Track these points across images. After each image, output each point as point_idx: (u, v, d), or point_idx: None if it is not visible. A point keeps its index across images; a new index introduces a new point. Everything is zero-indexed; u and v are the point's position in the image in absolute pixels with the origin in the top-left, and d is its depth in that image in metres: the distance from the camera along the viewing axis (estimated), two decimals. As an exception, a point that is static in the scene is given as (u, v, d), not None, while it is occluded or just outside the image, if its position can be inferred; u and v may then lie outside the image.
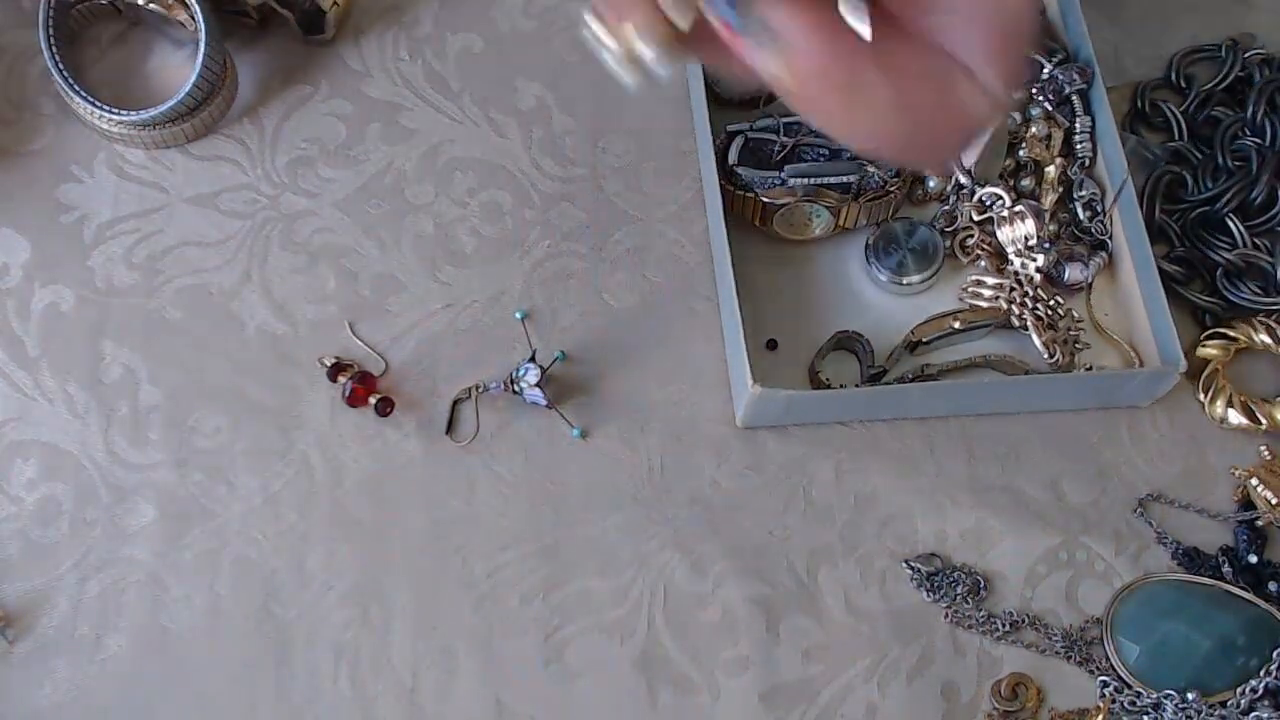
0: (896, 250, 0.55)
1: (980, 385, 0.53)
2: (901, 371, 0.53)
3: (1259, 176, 0.56)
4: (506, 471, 0.51)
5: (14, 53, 0.58)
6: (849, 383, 0.53)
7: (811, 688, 0.48)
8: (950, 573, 0.50)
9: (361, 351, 0.53)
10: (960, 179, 0.56)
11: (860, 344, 0.53)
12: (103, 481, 0.50)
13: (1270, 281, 0.55)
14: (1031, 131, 0.57)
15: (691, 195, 0.57)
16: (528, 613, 0.49)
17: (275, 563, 0.49)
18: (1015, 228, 0.54)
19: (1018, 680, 0.48)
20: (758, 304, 0.53)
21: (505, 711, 0.47)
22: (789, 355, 0.54)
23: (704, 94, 0.56)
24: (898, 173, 0.55)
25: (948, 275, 0.55)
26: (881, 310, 0.55)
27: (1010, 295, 0.53)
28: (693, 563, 0.50)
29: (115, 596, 0.48)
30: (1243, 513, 0.51)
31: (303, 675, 0.47)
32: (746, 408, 0.50)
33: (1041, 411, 0.53)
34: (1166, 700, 0.47)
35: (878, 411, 0.52)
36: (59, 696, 0.47)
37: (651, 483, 0.51)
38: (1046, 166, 0.57)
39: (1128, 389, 0.52)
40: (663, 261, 0.55)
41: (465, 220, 0.56)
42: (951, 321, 0.53)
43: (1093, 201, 0.56)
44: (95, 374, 0.52)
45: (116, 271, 0.54)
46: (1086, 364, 0.53)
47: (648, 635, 0.48)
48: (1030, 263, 0.54)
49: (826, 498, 0.51)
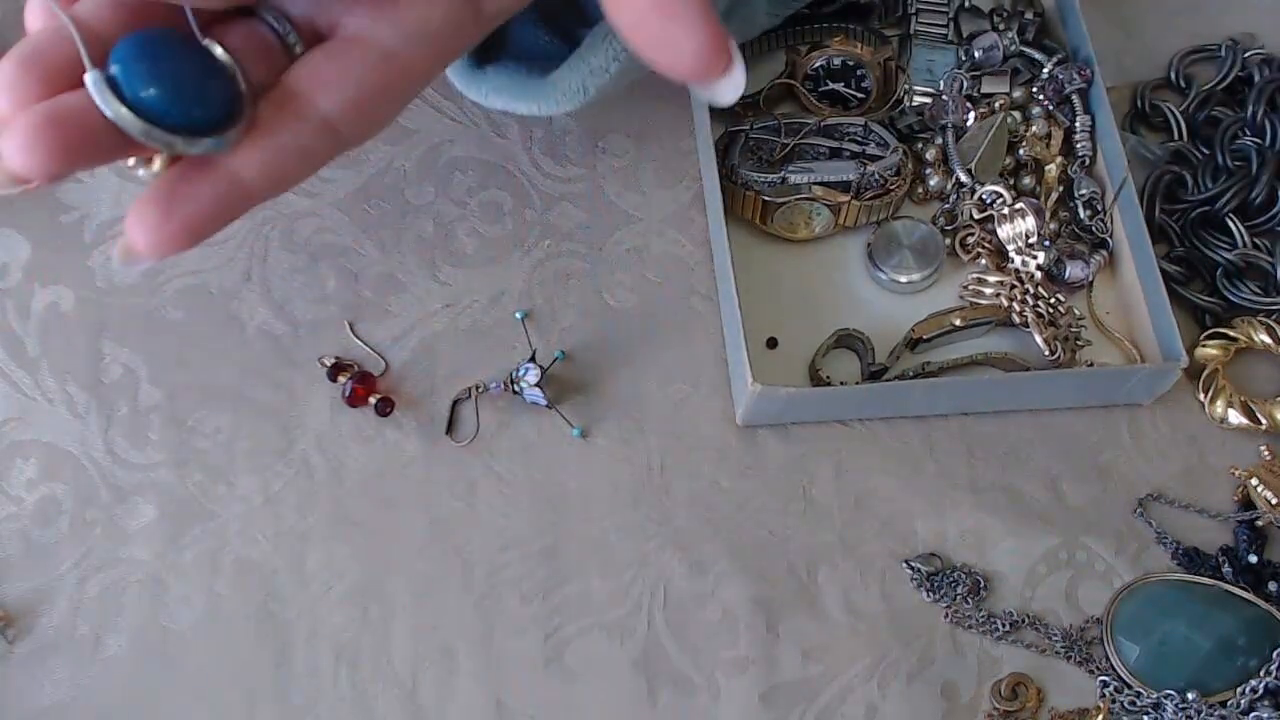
0: (897, 249, 0.55)
1: (981, 382, 0.53)
2: (902, 369, 0.53)
3: (1259, 176, 0.56)
4: (506, 471, 0.51)
5: (14, 53, 0.58)
6: (849, 381, 0.53)
7: (811, 688, 0.48)
8: (950, 573, 0.50)
9: (361, 351, 0.53)
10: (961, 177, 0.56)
11: (861, 342, 0.53)
12: (103, 481, 0.50)
13: (1270, 281, 0.55)
14: (1032, 130, 0.57)
15: (691, 195, 0.57)
16: (528, 612, 0.49)
17: (275, 563, 0.49)
18: (1015, 225, 0.54)
19: (1018, 680, 0.48)
20: (758, 303, 0.53)
21: (505, 711, 0.47)
22: (789, 354, 0.54)
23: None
24: (898, 171, 0.55)
25: (948, 273, 0.55)
26: (882, 308, 0.55)
27: (1011, 293, 0.53)
28: (693, 563, 0.50)
29: (115, 596, 0.48)
30: (1243, 513, 0.51)
31: (303, 675, 0.47)
32: (747, 406, 0.50)
33: (1042, 410, 0.53)
34: (1166, 700, 0.47)
35: (878, 409, 0.52)
36: (59, 696, 0.47)
37: (651, 483, 0.51)
38: (1047, 165, 0.57)
39: (1129, 386, 0.52)
40: (662, 261, 0.55)
41: (465, 220, 0.56)
42: (952, 319, 0.53)
43: (1093, 200, 0.56)
44: (95, 374, 0.52)
45: (116, 271, 0.54)
46: (1088, 361, 0.53)
47: (648, 635, 0.48)
48: (1031, 260, 0.54)
49: (826, 498, 0.51)
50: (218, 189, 0.33)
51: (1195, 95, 0.60)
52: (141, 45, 0.32)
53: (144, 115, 0.31)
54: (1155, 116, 0.60)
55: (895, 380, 0.52)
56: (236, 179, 0.34)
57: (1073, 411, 0.53)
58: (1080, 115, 0.57)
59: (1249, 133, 0.58)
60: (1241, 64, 0.60)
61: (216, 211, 0.33)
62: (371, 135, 0.38)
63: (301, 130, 0.35)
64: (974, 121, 0.57)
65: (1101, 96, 0.57)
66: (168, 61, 0.32)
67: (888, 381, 0.52)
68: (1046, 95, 0.58)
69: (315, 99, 0.35)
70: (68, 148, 0.31)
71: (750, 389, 0.48)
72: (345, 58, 0.36)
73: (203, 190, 0.33)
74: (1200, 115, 0.59)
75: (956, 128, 0.57)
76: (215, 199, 0.33)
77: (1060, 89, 0.57)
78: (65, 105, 0.31)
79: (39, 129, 0.31)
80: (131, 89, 0.31)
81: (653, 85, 0.59)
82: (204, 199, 0.33)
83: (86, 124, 0.31)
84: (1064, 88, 0.57)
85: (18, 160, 0.31)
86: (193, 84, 0.32)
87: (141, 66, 0.32)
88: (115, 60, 0.32)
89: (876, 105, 0.58)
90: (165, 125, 0.32)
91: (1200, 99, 0.60)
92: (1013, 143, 0.58)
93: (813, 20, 0.59)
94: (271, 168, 0.34)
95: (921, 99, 0.58)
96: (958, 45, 0.60)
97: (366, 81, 0.36)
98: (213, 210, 0.33)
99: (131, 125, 0.31)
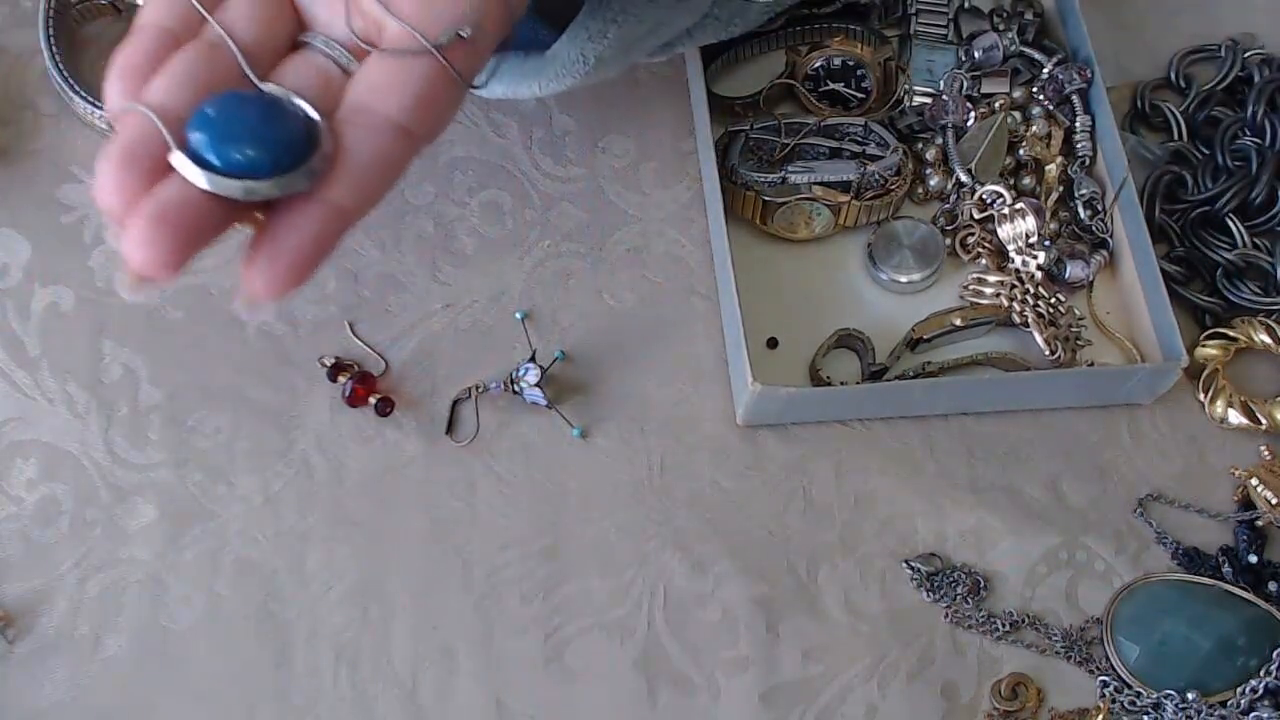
0: (897, 249, 0.55)
1: (982, 381, 0.53)
2: (902, 369, 0.53)
3: (1259, 176, 0.56)
4: (506, 471, 0.51)
5: (14, 53, 0.58)
6: (850, 381, 0.53)
7: (811, 688, 0.48)
8: (950, 573, 0.50)
9: (361, 351, 0.53)
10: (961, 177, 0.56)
11: (861, 342, 0.53)
12: (103, 481, 0.50)
13: (1270, 281, 0.55)
14: (1032, 130, 0.57)
15: (691, 195, 0.57)
16: (528, 612, 0.49)
17: (275, 563, 0.49)
18: (1016, 225, 0.54)
19: (1018, 680, 0.48)
20: (758, 303, 0.53)
21: (505, 711, 0.47)
22: (789, 354, 0.54)
23: (704, 94, 0.56)
24: (898, 171, 0.55)
25: (948, 273, 0.55)
26: (882, 308, 0.55)
27: (1011, 292, 0.53)
28: (693, 562, 0.50)
29: (115, 596, 0.48)
30: (1243, 513, 0.51)
31: (303, 675, 0.47)
32: (747, 406, 0.50)
33: (1042, 410, 0.53)
34: (1166, 700, 0.47)
35: (879, 409, 0.52)
36: (59, 696, 0.47)
37: (651, 482, 0.51)
38: (1047, 165, 0.57)
39: (1129, 385, 0.52)
40: (663, 261, 0.55)
41: (465, 220, 0.56)
42: (952, 319, 0.53)
43: (1093, 200, 0.56)
44: (95, 374, 0.52)
45: (117, 272, 0.54)
46: (1088, 361, 0.53)
47: (648, 635, 0.48)
48: (1031, 260, 0.54)
49: (826, 497, 0.51)
50: (316, 220, 0.34)
51: (1195, 95, 0.60)
52: (213, 112, 0.33)
53: (236, 175, 0.33)
54: (1155, 116, 0.60)
55: (896, 380, 0.52)
56: (331, 205, 0.34)
57: (1073, 411, 0.53)
58: (1080, 115, 0.57)
59: (1249, 133, 0.58)
60: (1241, 64, 0.60)
61: (320, 241, 0.34)
62: (444, 127, 0.38)
63: (378, 141, 0.35)
64: (974, 121, 0.57)
65: (1101, 96, 0.57)
66: (240, 118, 0.33)
67: (888, 381, 0.52)
68: (1046, 95, 0.58)
69: (381, 107, 0.36)
70: (183, 235, 0.32)
71: (750, 389, 0.48)
72: (399, 60, 0.36)
73: (304, 225, 0.34)
74: (1200, 115, 0.59)
75: (957, 128, 0.57)
76: (317, 230, 0.34)
77: (1060, 89, 0.57)
78: (167, 197, 0.32)
79: (152, 227, 0.32)
80: (220, 156, 0.33)
81: (653, 85, 0.59)
82: (306, 233, 0.34)
83: (190, 204, 0.32)
84: (1064, 88, 0.57)
85: (140, 262, 0.32)
86: (269, 130, 0.34)
87: (219, 131, 0.33)
88: (193, 133, 0.33)
89: (876, 105, 0.58)
90: (259, 176, 0.33)
91: (1200, 99, 0.60)
92: (1013, 143, 0.58)
93: (813, 20, 0.59)
94: (360, 184, 0.35)
95: (921, 99, 0.58)
96: (957, 45, 0.60)
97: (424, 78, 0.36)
98: (317, 241, 0.34)
99: (230, 188, 0.33)
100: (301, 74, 0.37)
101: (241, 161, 0.33)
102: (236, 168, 0.33)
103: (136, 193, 0.33)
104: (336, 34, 0.38)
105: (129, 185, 0.33)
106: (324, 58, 0.38)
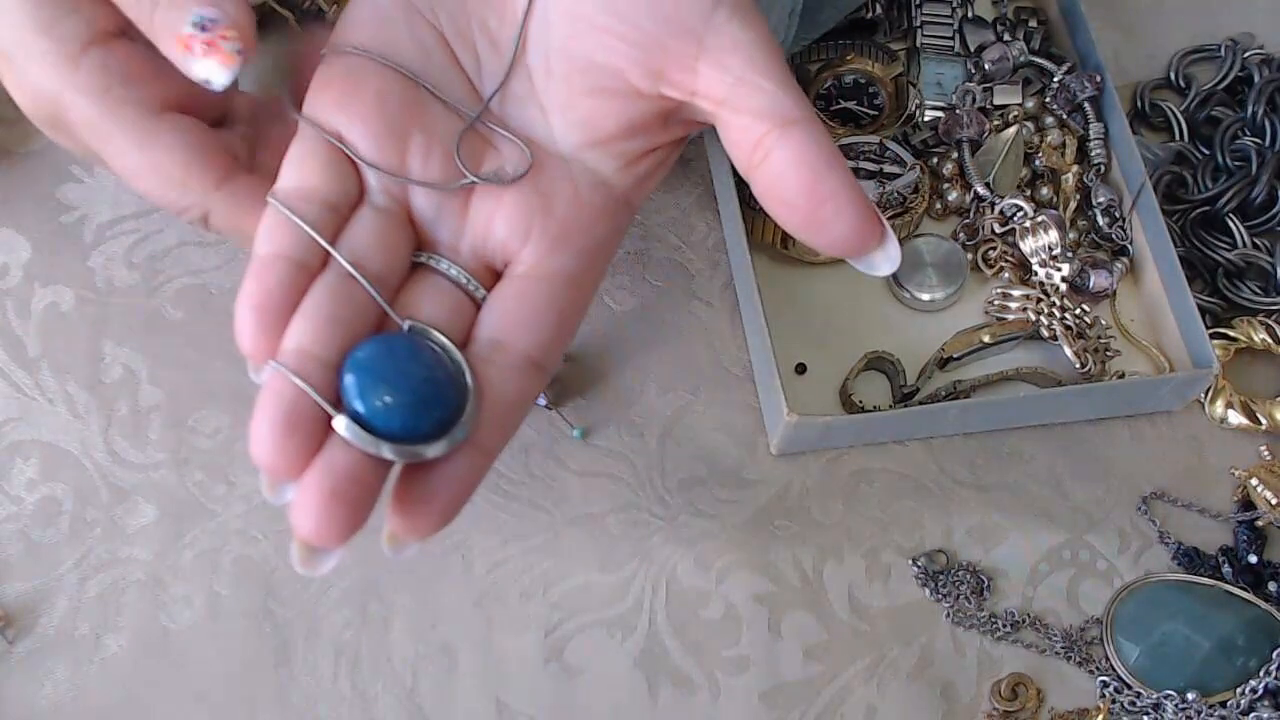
0: (920, 267, 0.55)
1: (1017, 400, 0.52)
2: (933, 389, 0.52)
3: (1259, 176, 0.56)
4: (506, 471, 0.51)
5: (14, 53, 0.58)
6: (881, 403, 0.52)
7: (812, 687, 0.48)
8: (955, 571, 0.50)
9: (362, 351, 0.53)
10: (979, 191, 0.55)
11: (891, 364, 0.53)
12: (103, 481, 0.50)
13: (1270, 281, 0.55)
14: (1047, 140, 0.57)
15: (692, 200, 0.57)
16: (527, 610, 0.49)
17: (275, 563, 0.49)
18: (1038, 238, 0.54)
19: (1018, 680, 0.48)
20: (782, 328, 0.53)
21: (505, 710, 0.47)
22: (817, 377, 0.53)
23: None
24: (916, 188, 0.54)
25: (972, 289, 0.55)
26: (907, 328, 0.54)
27: (1038, 306, 0.53)
28: (694, 560, 0.50)
29: (115, 596, 0.48)
30: (1243, 513, 0.51)
31: (303, 675, 0.47)
32: (782, 436, 0.50)
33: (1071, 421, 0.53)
34: (1166, 700, 0.47)
35: (914, 431, 0.52)
36: (59, 696, 0.47)
37: (652, 483, 0.51)
38: (1063, 174, 0.57)
39: (1161, 394, 0.52)
40: (663, 265, 0.56)
41: (465, 220, 0.56)
42: (981, 336, 0.53)
43: (1110, 207, 0.55)
44: (95, 374, 0.52)
45: (116, 271, 0.54)
46: (1118, 371, 0.53)
47: (648, 633, 0.48)
48: (1055, 273, 0.53)
49: (830, 495, 0.51)
50: (465, 466, 0.33)
51: (1195, 95, 0.60)
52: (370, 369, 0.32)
53: (402, 440, 0.32)
54: (1155, 116, 0.60)
55: (928, 401, 0.51)
56: (480, 448, 0.34)
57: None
58: (1093, 122, 0.57)
59: (1249, 133, 0.58)
60: (1241, 64, 0.60)
61: (470, 483, 0.34)
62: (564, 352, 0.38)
63: (518, 381, 0.35)
64: (989, 134, 0.57)
65: (1114, 103, 0.56)
66: (396, 378, 0.32)
67: (925, 405, 0.51)
68: (1059, 104, 0.57)
69: (518, 344, 0.35)
70: (357, 506, 0.31)
71: (786, 419, 0.48)
72: (536, 296, 0.36)
73: (454, 471, 0.33)
74: (1200, 115, 0.60)
75: (972, 141, 0.57)
76: (465, 475, 0.33)
77: (1072, 97, 0.57)
78: (339, 469, 0.31)
79: (326, 505, 0.31)
80: (385, 425, 0.32)
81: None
82: (456, 478, 0.33)
83: (357, 474, 0.32)
84: (1076, 96, 0.57)
85: (312, 533, 0.31)
86: (427, 390, 0.33)
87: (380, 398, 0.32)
88: (356, 400, 0.32)
89: (889, 122, 0.58)
90: (429, 440, 0.32)
91: (1200, 99, 0.60)
92: (1028, 154, 0.57)
93: (820, 38, 0.58)
94: (504, 425, 0.34)
95: (934, 114, 0.58)
96: (965, 57, 0.59)
97: (560, 312, 0.36)
98: (465, 484, 0.33)
99: (404, 454, 0.32)
100: (433, 303, 0.36)
101: (412, 427, 0.32)
102: (406, 433, 0.32)
103: (301, 456, 0.31)
104: (461, 256, 0.37)
105: (291, 450, 0.31)
106: (449, 283, 0.37)
